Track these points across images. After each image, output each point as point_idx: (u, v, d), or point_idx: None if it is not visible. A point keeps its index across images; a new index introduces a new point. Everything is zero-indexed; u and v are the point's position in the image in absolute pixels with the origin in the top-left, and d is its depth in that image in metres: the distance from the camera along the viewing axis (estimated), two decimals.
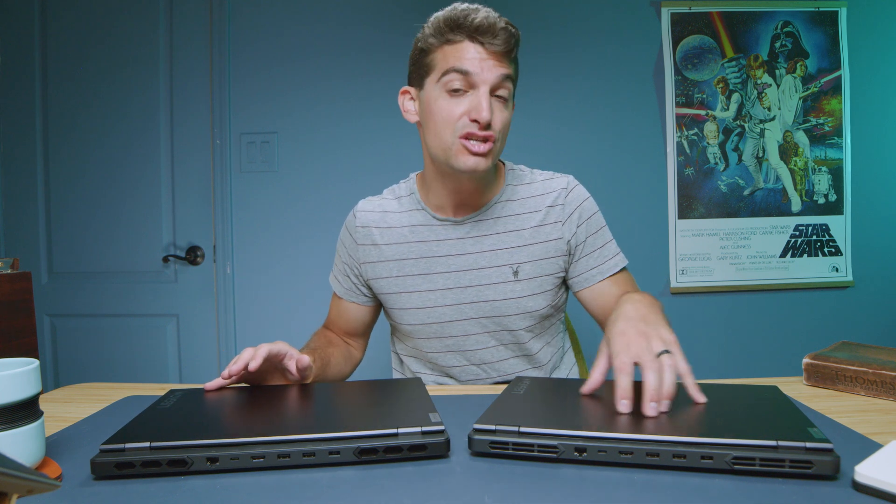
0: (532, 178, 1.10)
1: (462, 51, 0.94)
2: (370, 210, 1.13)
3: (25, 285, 1.72)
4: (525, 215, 1.07)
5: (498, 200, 1.07)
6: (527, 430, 0.64)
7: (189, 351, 2.18)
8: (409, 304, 1.09)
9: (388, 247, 1.09)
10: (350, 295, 1.16)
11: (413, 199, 1.11)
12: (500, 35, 0.92)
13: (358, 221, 1.12)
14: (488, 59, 0.93)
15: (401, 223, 1.10)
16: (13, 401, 0.57)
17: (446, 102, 0.96)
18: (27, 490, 0.34)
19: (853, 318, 2.24)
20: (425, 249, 1.08)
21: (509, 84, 0.96)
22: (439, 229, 1.07)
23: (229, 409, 0.76)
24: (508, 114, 0.99)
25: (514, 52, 0.96)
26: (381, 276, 1.10)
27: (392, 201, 1.13)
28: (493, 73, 0.93)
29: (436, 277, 1.07)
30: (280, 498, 0.56)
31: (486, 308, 1.06)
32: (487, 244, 1.06)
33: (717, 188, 2.20)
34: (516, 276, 1.05)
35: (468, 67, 0.93)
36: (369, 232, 1.11)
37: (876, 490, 0.53)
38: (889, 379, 0.85)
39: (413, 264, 1.08)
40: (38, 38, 2.18)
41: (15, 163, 2.20)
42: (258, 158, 2.16)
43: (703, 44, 2.19)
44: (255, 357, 0.82)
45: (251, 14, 2.16)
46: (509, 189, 1.08)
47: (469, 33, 0.93)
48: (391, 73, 2.13)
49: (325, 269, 2.16)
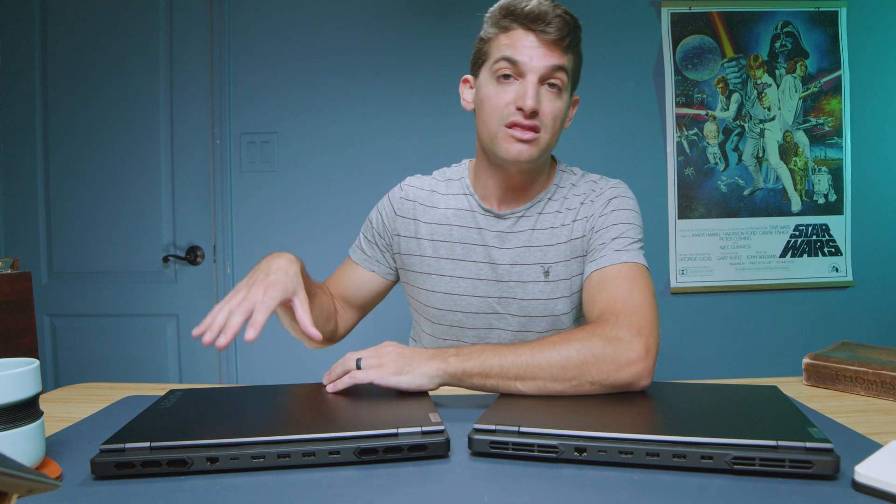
0: (580, 180, 1.07)
1: (514, 38, 0.93)
2: (418, 186, 1.12)
3: (25, 285, 1.72)
4: (562, 214, 1.04)
5: (542, 198, 1.05)
6: (527, 430, 0.64)
7: (189, 351, 2.18)
8: (437, 287, 1.07)
9: (428, 226, 1.08)
10: (370, 263, 1.13)
11: (462, 184, 1.09)
12: (553, 23, 0.91)
13: (403, 193, 1.11)
14: (539, 48, 0.92)
15: (446, 205, 1.09)
16: (13, 401, 0.57)
17: (494, 90, 0.95)
18: (27, 490, 0.34)
19: (853, 318, 2.24)
20: (465, 235, 1.06)
21: (562, 75, 0.94)
22: (482, 218, 1.06)
23: (229, 409, 0.76)
24: (561, 105, 0.95)
25: (570, 40, 0.93)
26: (414, 253, 1.09)
27: (441, 182, 1.12)
28: (542, 62, 0.92)
29: (469, 266, 1.06)
30: (280, 498, 0.56)
31: (514, 306, 1.05)
32: (523, 240, 1.04)
33: (717, 188, 2.20)
34: (547, 277, 1.03)
35: (517, 56, 0.92)
36: (413, 206, 1.10)
37: (876, 490, 0.53)
38: (889, 379, 0.85)
39: (449, 248, 1.07)
40: (38, 38, 2.18)
41: (15, 163, 2.20)
42: (258, 158, 2.16)
43: (703, 44, 2.19)
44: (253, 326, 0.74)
45: (251, 14, 2.16)
46: (555, 189, 1.06)
47: (522, 21, 0.92)
48: (391, 73, 2.14)
49: (325, 268, 2.16)
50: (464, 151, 2.40)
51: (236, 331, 0.74)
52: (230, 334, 0.73)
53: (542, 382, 0.77)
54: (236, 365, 2.16)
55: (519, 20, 0.93)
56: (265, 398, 0.80)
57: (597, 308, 0.90)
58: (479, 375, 0.79)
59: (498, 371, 0.78)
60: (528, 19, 0.92)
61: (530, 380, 0.77)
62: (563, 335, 0.81)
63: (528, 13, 0.92)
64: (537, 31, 0.92)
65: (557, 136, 0.98)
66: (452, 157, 2.27)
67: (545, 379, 0.77)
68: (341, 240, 2.17)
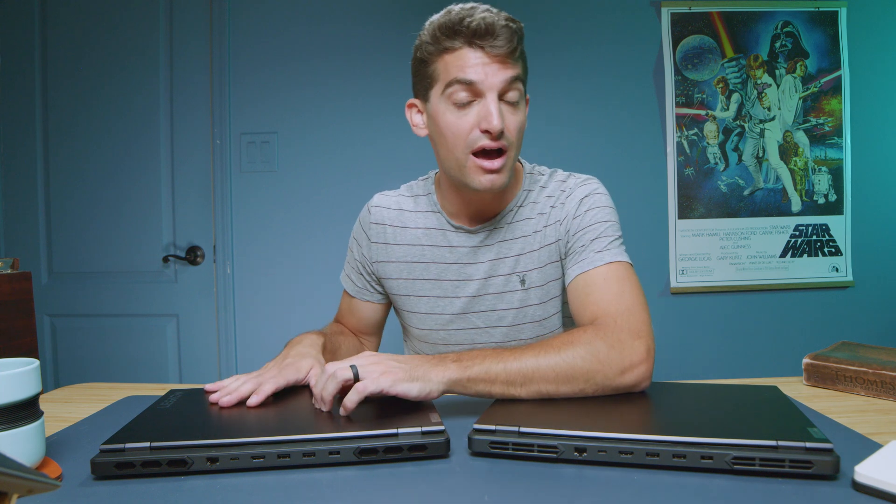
0: (548, 180, 1.03)
1: (462, 59, 0.87)
2: (385, 206, 1.10)
3: (25, 285, 1.72)
4: (533, 220, 1.01)
5: (512, 207, 1.02)
6: (527, 430, 0.64)
7: (189, 351, 2.18)
8: (417, 307, 1.07)
9: (400, 247, 1.07)
10: (362, 293, 1.13)
11: (430, 201, 1.07)
12: (501, 35, 0.85)
13: (372, 217, 1.09)
14: (492, 64, 0.87)
15: (416, 224, 1.07)
16: (13, 401, 0.57)
17: (454, 116, 0.90)
18: (27, 490, 0.34)
19: (853, 318, 2.24)
20: (437, 255, 1.05)
21: (518, 85, 0.90)
22: (452, 236, 1.04)
23: (229, 410, 0.76)
24: (521, 116, 0.92)
25: (519, 48, 0.89)
26: (392, 277, 1.08)
27: (409, 199, 1.09)
28: (498, 77, 0.87)
29: (445, 284, 1.04)
30: (280, 498, 0.56)
31: (494, 318, 1.04)
32: (495, 252, 1.02)
33: (717, 188, 2.20)
34: (523, 285, 1.01)
35: (471, 76, 0.87)
36: (383, 230, 1.08)
37: (876, 490, 0.53)
38: (889, 379, 0.85)
39: (424, 268, 1.05)
40: (38, 38, 2.18)
41: (15, 163, 2.20)
42: (258, 158, 2.16)
43: (703, 44, 2.19)
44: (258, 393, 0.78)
45: (251, 14, 2.16)
46: (524, 194, 1.03)
47: (467, 38, 0.87)
48: (391, 73, 2.14)
49: (325, 268, 2.16)
50: None
51: (241, 395, 0.78)
52: (234, 397, 0.78)
53: (547, 387, 0.76)
54: (236, 365, 2.16)
55: (465, 37, 0.87)
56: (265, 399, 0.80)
57: (588, 312, 0.88)
58: (484, 382, 0.76)
59: (504, 378, 0.76)
60: (475, 35, 0.86)
61: (535, 385, 0.76)
62: (562, 339, 0.80)
63: (474, 30, 0.85)
64: (487, 47, 0.86)
65: (520, 145, 0.95)
66: None
67: (550, 384, 0.76)
68: (341, 240, 2.17)
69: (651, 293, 2.15)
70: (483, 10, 0.87)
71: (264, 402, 0.78)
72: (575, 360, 0.76)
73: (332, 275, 2.16)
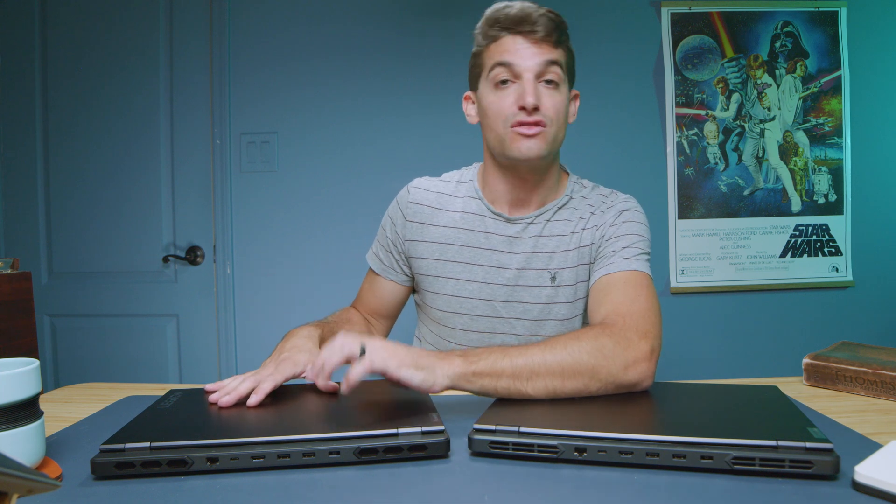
0: (591, 192, 1.09)
1: (504, 44, 0.97)
2: (425, 189, 1.13)
3: (25, 285, 1.72)
4: (572, 222, 1.05)
5: (553, 207, 1.06)
6: (527, 430, 0.64)
7: (189, 351, 2.18)
8: (444, 289, 1.09)
9: (436, 228, 1.09)
10: (388, 272, 1.15)
11: (471, 187, 1.11)
12: (538, 22, 0.95)
13: (411, 197, 1.12)
14: (530, 47, 0.95)
15: (454, 207, 1.10)
16: (13, 401, 0.57)
17: (495, 96, 0.98)
18: (27, 490, 0.34)
19: (853, 318, 2.24)
20: (472, 239, 1.07)
21: (556, 69, 0.97)
22: (490, 222, 1.07)
23: (229, 410, 0.76)
24: (561, 98, 0.98)
25: (558, 36, 0.97)
26: (423, 256, 1.10)
27: (449, 184, 1.13)
28: (534, 59, 0.95)
29: (476, 269, 1.07)
30: (280, 498, 0.56)
31: (519, 309, 1.06)
32: (531, 246, 1.05)
33: (717, 188, 2.20)
34: (553, 282, 1.04)
35: (509, 58, 0.95)
36: (421, 209, 1.11)
37: (876, 490, 0.53)
38: (889, 379, 0.85)
39: (457, 251, 1.08)
40: (38, 38, 2.18)
41: (15, 163, 2.20)
42: (258, 158, 2.16)
43: (703, 44, 2.19)
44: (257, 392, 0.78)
45: (251, 14, 2.16)
46: (566, 199, 1.07)
47: (508, 27, 0.96)
48: (391, 73, 2.13)
49: (325, 268, 2.16)
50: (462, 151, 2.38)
51: (240, 395, 0.78)
52: (233, 397, 0.78)
53: (553, 382, 0.76)
54: (236, 365, 2.16)
55: (505, 26, 0.97)
56: (265, 398, 0.80)
57: (602, 310, 0.91)
58: (490, 376, 0.76)
59: (510, 372, 0.76)
60: (514, 23, 0.96)
61: (541, 380, 0.76)
62: (568, 335, 0.81)
63: (513, 18, 0.96)
64: (525, 33, 0.96)
65: (563, 130, 1.01)
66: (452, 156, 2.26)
67: (556, 378, 0.76)
68: (341, 240, 2.18)
69: None
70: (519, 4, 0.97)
71: (263, 402, 0.78)
72: (581, 354, 0.77)
73: (332, 274, 2.16)
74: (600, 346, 0.78)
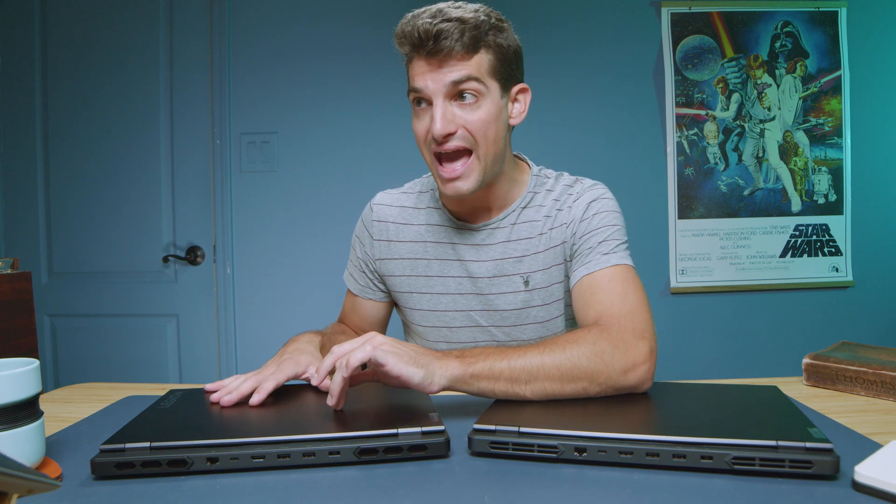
0: (554, 184, 1.04)
1: (414, 67, 0.91)
2: (388, 204, 1.10)
3: (25, 285, 1.72)
4: (539, 222, 1.01)
5: (517, 207, 1.02)
6: (527, 430, 0.64)
7: (189, 351, 2.18)
8: (419, 304, 1.07)
9: (403, 244, 1.07)
10: (365, 292, 1.13)
11: (433, 197, 1.08)
12: (440, 35, 0.85)
13: (374, 215, 1.10)
14: (433, 71, 0.88)
15: (418, 220, 1.07)
16: (13, 401, 0.57)
17: (416, 121, 0.94)
18: (27, 490, 0.34)
19: (853, 318, 2.24)
20: (440, 251, 1.05)
21: (472, 84, 0.88)
22: (455, 233, 1.04)
23: (229, 409, 0.76)
24: (483, 113, 0.90)
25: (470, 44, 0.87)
26: (394, 274, 1.08)
27: (411, 196, 1.10)
28: (439, 82, 0.88)
29: (448, 281, 1.05)
30: (280, 498, 0.56)
31: (496, 317, 1.04)
32: (500, 252, 1.02)
33: (717, 188, 2.20)
34: (527, 286, 1.02)
35: (418, 84, 0.90)
36: (385, 227, 1.09)
37: (876, 490, 0.53)
38: (889, 379, 0.85)
39: (426, 265, 1.06)
40: (38, 38, 2.18)
41: (15, 163, 2.20)
42: (258, 158, 2.16)
43: (703, 44, 2.19)
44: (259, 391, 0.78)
45: (251, 14, 2.16)
46: (530, 196, 1.03)
47: (414, 45, 0.88)
48: (391, 73, 2.13)
49: (325, 268, 2.16)
50: None
51: (242, 394, 0.78)
52: (235, 396, 0.78)
53: (552, 386, 0.75)
54: (236, 365, 2.16)
55: (411, 45, 0.89)
56: (266, 397, 0.80)
57: (592, 312, 0.89)
58: (487, 379, 0.75)
59: (508, 375, 0.75)
60: (416, 44, 0.88)
61: (539, 383, 0.75)
62: (566, 338, 0.80)
63: (413, 38, 0.87)
64: (428, 52, 0.87)
65: (498, 141, 0.93)
66: None
67: (555, 382, 0.75)
68: (341, 240, 2.18)
69: (651, 293, 2.15)
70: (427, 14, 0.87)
71: (264, 402, 0.78)
72: (580, 359, 0.76)
73: (332, 275, 2.16)
74: (599, 350, 0.77)
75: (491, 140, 0.92)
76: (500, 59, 0.91)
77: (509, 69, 0.94)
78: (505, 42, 0.92)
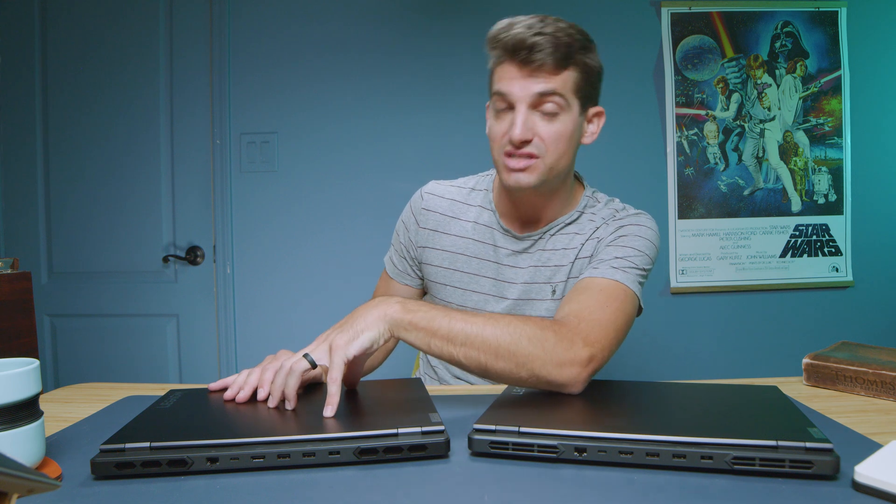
0: (603, 207, 1.07)
1: (502, 71, 0.93)
2: (439, 195, 1.12)
3: (25, 285, 1.72)
4: (579, 236, 1.04)
5: (561, 222, 1.05)
6: (527, 430, 0.64)
7: (189, 351, 2.18)
8: (450, 297, 1.10)
9: (448, 237, 1.09)
10: (402, 277, 1.16)
11: (486, 197, 1.10)
12: (535, 47, 0.89)
13: (424, 203, 1.12)
14: (523, 79, 0.91)
15: (467, 217, 1.09)
16: (13, 401, 0.57)
17: (493, 122, 0.97)
18: (27, 490, 0.34)
19: (853, 318, 2.24)
20: (482, 251, 1.07)
21: (555, 99, 0.92)
22: (500, 236, 1.07)
23: (229, 410, 0.76)
24: (560, 127, 0.93)
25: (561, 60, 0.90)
26: (433, 264, 1.11)
27: (463, 191, 1.12)
28: (526, 91, 0.91)
29: (483, 281, 1.07)
30: (280, 498, 0.56)
31: None
32: (535, 260, 1.05)
33: (717, 188, 2.20)
34: (553, 295, 1.04)
35: (504, 88, 0.93)
36: (433, 217, 1.11)
37: (876, 490, 0.53)
38: (889, 379, 0.85)
39: (466, 262, 1.08)
40: (38, 38, 2.18)
41: (15, 163, 2.20)
42: (258, 158, 2.16)
43: (703, 44, 2.19)
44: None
45: (251, 14, 2.16)
46: (576, 214, 1.06)
47: (506, 51, 0.91)
48: (391, 73, 2.13)
49: (325, 268, 2.16)
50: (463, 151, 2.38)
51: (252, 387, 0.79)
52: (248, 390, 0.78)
53: (485, 357, 0.75)
54: (236, 365, 2.16)
55: (504, 50, 0.92)
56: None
57: (567, 308, 0.87)
58: (424, 331, 0.75)
59: (445, 333, 0.75)
60: (509, 50, 0.91)
61: (473, 350, 0.75)
62: (518, 317, 0.79)
63: (508, 44, 0.90)
64: (520, 60, 0.90)
65: (567, 155, 0.96)
66: (452, 156, 2.26)
67: (489, 354, 0.75)
68: (341, 240, 2.18)
69: (651, 293, 2.15)
70: (526, 22, 0.91)
71: (264, 403, 0.77)
72: (521, 339, 0.75)
73: (332, 275, 2.16)
74: (543, 337, 0.76)
75: (561, 153, 0.95)
76: (584, 78, 0.95)
77: (591, 89, 0.97)
78: (591, 62, 0.96)
